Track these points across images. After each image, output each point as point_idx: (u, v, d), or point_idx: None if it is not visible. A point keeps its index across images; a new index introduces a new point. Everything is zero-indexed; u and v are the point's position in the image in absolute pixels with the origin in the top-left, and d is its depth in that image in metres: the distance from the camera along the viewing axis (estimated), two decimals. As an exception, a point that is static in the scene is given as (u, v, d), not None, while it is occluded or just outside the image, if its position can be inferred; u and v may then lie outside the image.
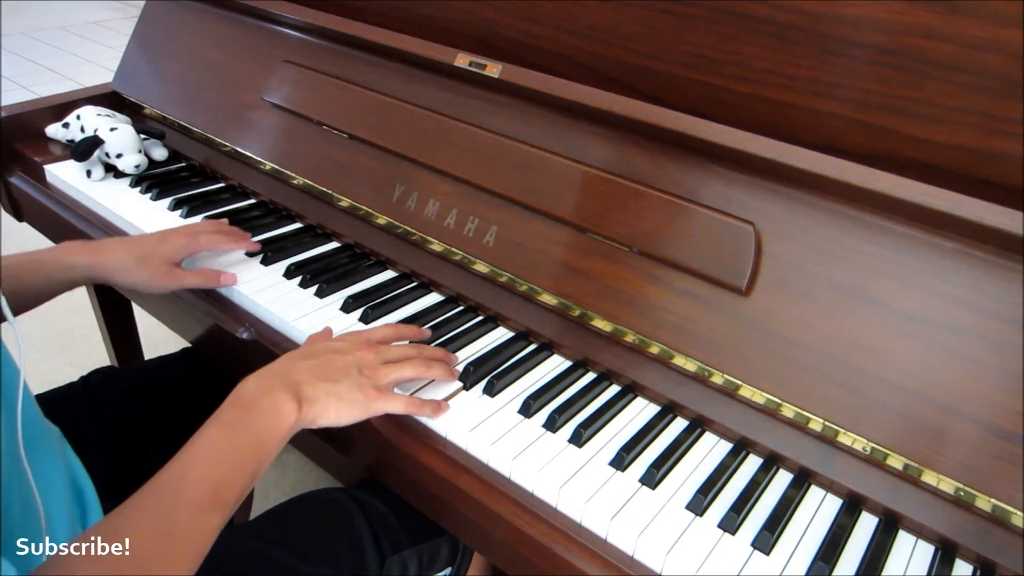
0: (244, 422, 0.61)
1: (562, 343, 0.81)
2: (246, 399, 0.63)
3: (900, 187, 0.62)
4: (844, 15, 0.68)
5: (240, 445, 0.59)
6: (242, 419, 0.61)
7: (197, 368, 0.99)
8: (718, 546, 0.61)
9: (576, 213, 0.79)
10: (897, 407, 0.63)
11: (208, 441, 0.59)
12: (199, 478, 0.56)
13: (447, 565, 0.81)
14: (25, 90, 3.43)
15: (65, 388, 0.89)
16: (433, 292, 0.90)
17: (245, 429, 0.60)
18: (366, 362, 0.69)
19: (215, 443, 0.59)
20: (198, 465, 0.57)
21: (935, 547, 0.63)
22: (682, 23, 0.77)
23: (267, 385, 0.64)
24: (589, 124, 0.81)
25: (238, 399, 0.63)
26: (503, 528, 0.64)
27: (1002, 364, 0.60)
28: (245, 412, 0.62)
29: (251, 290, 0.87)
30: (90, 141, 1.06)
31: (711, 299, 0.72)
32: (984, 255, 0.61)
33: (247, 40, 1.12)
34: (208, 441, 0.59)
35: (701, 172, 0.74)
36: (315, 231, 1.02)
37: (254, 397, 0.63)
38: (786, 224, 0.70)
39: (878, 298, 0.65)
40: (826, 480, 0.67)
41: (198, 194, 1.08)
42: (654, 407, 0.75)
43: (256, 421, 0.61)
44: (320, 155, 1.01)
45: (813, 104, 0.71)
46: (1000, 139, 0.63)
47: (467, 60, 0.87)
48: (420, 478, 0.70)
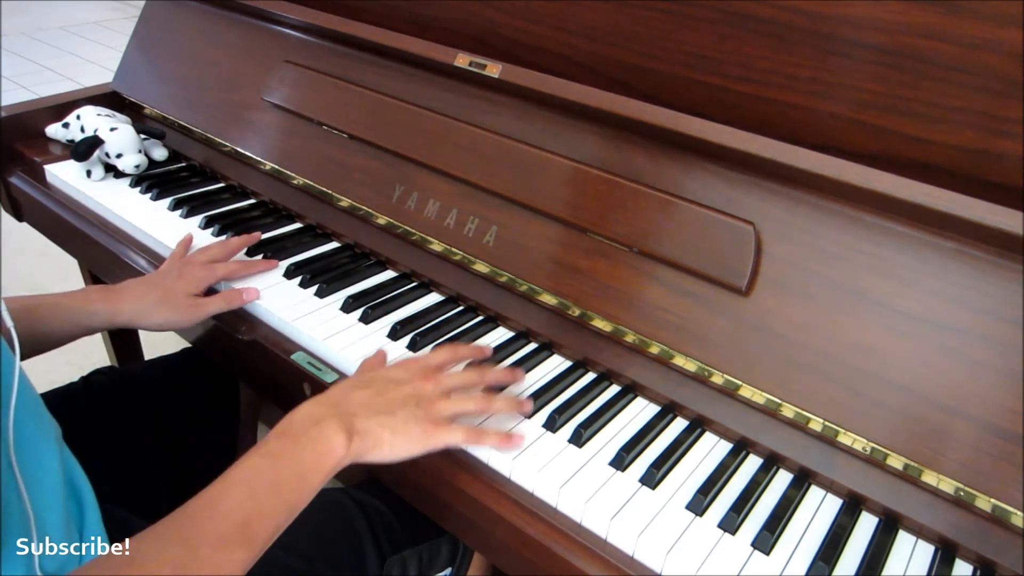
0: (288, 452, 0.58)
1: (562, 343, 0.81)
2: (294, 428, 0.60)
3: (900, 187, 0.62)
4: (844, 15, 0.68)
5: (280, 477, 0.56)
6: (286, 449, 0.58)
7: (197, 368, 0.99)
8: (718, 546, 0.61)
9: (576, 213, 0.79)
10: (897, 407, 0.63)
11: (246, 470, 0.56)
12: (229, 509, 0.53)
13: (447, 565, 0.81)
14: (25, 90, 3.43)
15: (65, 388, 0.89)
16: (433, 292, 0.90)
17: (288, 460, 0.57)
18: (424, 393, 0.65)
19: (253, 472, 0.56)
20: (230, 495, 0.54)
21: (935, 547, 0.63)
22: (682, 23, 0.77)
23: (317, 414, 0.61)
24: (589, 124, 0.81)
25: (285, 428, 0.60)
26: (503, 528, 0.64)
27: (1002, 364, 0.60)
28: (291, 442, 0.59)
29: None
30: (90, 141, 1.06)
31: (711, 299, 0.72)
32: (984, 255, 0.61)
33: (247, 40, 1.12)
34: (246, 470, 0.56)
35: (701, 172, 0.74)
36: (315, 231, 1.02)
37: (303, 427, 0.60)
38: (786, 224, 0.70)
39: (878, 298, 0.65)
40: (826, 480, 0.67)
41: (198, 194, 1.08)
42: (654, 407, 0.75)
43: (301, 452, 0.58)
44: (320, 155, 1.01)
45: (813, 104, 0.71)
46: (1000, 139, 0.63)
47: (467, 60, 0.87)
48: (420, 478, 0.69)
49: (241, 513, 0.53)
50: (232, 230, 0.99)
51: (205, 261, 0.86)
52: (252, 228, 0.98)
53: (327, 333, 0.81)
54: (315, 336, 0.80)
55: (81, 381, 0.91)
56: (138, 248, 0.98)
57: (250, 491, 0.55)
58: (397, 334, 0.81)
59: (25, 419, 0.55)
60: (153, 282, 0.84)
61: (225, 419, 0.99)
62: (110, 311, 0.80)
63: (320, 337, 0.80)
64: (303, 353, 0.80)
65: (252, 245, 0.93)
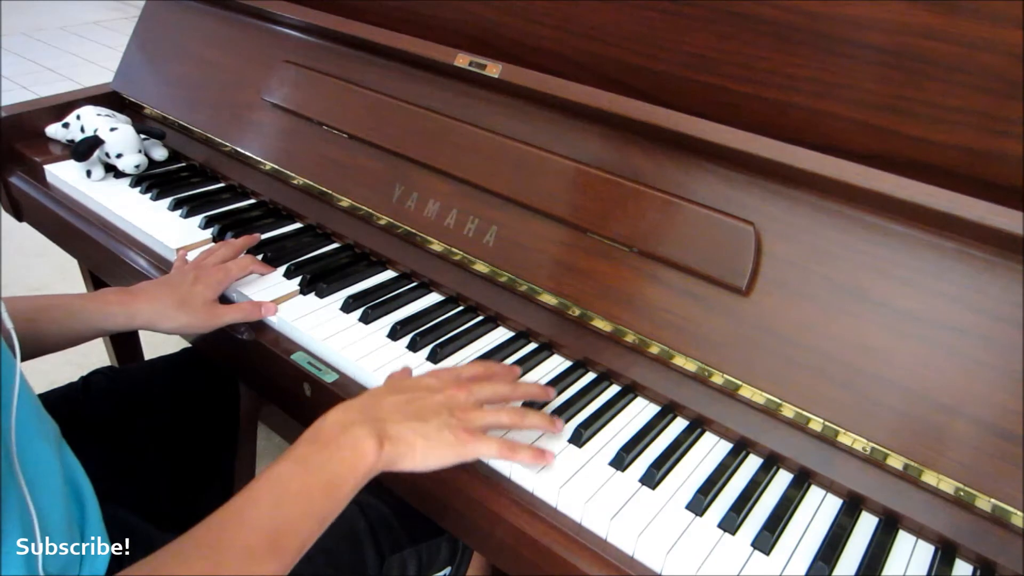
0: (318, 459, 0.56)
1: (562, 343, 0.81)
2: (323, 435, 0.58)
3: (900, 187, 0.62)
4: (844, 15, 0.68)
5: (309, 484, 0.55)
6: (316, 456, 0.57)
7: (197, 369, 0.99)
8: (718, 546, 0.61)
9: (576, 213, 0.79)
10: (897, 407, 0.63)
11: (274, 478, 0.54)
12: (257, 520, 0.52)
13: (446, 565, 0.81)
14: (25, 90, 3.43)
15: (65, 388, 0.89)
16: (433, 292, 0.90)
17: (318, 467, 0.56)
18: (458, 402, 0.64)
19: (281, 481, 0.55)
20: (258, 505, 0.53)
21: (935, 547, 0.63)
22: (682, 23, 0.77)
23: (347, 420, 0.59)
24: (589, 124, 0.81)
25: (315, 435, 0.58)
26: (503, 528, 0.64)
27: (1002, 364, 0.60)
28: (320, 448, 0.57)
29: (251, 291, 0.87)
30: (90, 141, 1.06)
31: (711, 299, 0.72)
32: (984, 255, 0.61)
33: (247, 40, 1.12)
34: (274, 478, 0.54)
35: (701, 172, 0.74)
36: (315, 231, 1.02)
37: (332, 433, 0.58)
38: (786, 224, 0.69)
39: (878, 298, 0.65)
40: (826, 480, 0.67)
41: (198, 194, 1.08)
42: (654, 407, 0.75)
43: (331, 458, 0.57)
44: (320, 155, 1.01)
45: (813, 104, 0.71)
46: (1000, 139, 0.63)
47: (467, 60, 0.87)
48: (419, 478, 0.69)
49: (269, 523, 0.52)
50: (232, 230, 0.99)
51: (217, 263, 0.86)
52: (252, 228, 0.98)
53: (327, 333, 0.81)
54: (315, 336, 0.80)
55: (81, 381, 0.91)
56: (138, 248, 0.98)
57: (278, 500, 0.54)
58: (397, 334, 0.81)
59: (25, 420, 0.55)
60: (171, 286, 0.83)
61: (225, 419, 0.99)
62: (127, 314, 0.80)
63: (320, 337, 0.80)
64: (303, 353, 0.80)
65: (252, 245, 0.93)
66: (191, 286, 0.82)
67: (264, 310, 0.84)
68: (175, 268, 0.89)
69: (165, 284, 0.83)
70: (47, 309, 0.76)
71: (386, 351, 0.79)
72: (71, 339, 0.79)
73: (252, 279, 0.89)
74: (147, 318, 0.80)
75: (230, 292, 0.88)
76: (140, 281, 0.88)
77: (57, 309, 0.77)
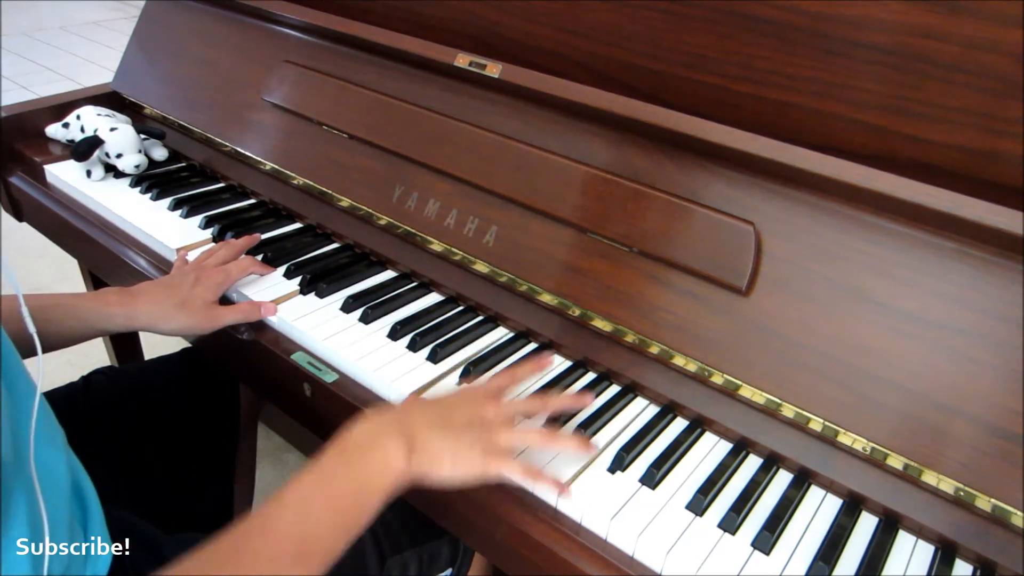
0: (345, 469, 0.56)
1: (562, 343, 0.81)
2: (351, 444, 0.57)
3: (900, 187, 0.62)
4: (844, 15, 0.68)
5: (336, 494, 0.54)
6: (344, 465, 0.56)
7: (197, 368, 0.99)
8: (718, 546, 0.61)
9: (576, 213, 0.79)
10: (897, 407, 0.63)
11: (301, 487, 0.54)
12: (283, 531, 0.51)
13: (447, 566, 0.81)
14: (25, 90, 3.43)
15: (65, 388, 0.89)
16: (433, 292, 0.90)
17: (346, 476, 0.55)
18: (487, 418, 0.63)
19: (308, 490, 0.54)
20: (284, 515, 0.52)
21: (935, 547, 0.63)
22: (682, 23, 0.77)
23: (375, 429, 0.59)
24: (589, 124, 0.81)
25: (343, 443, 0.57)
26: (503, 529, 0.64)
27: (1002, 364, 0.60)
28: (349, 458, 0.57)
29: (251, 291, 0.87)
30: (90, 141, 1.06)
31: (711, 299, 0.72)
32: (984, 255, 0.61)
33: (247, 40, 1.12)
34: (301, 487, 0.54)
35: (701, 172, 0.74)
36: (315, 231, 1.02)
37: (360, 442, 0.58)
38: (786, 224, 0.70)
39: (878, 298, 0.65)
40: (826, 480, 0.67)
41: (198, 194, 1.08)
42: (654, 407, 0.75)
43: (359, 467, 0.56)
44: (320, 155, 1.01)
45: (813, 104, 0.71)
46: (1000, 139, 0.63)
47: (467, 60, 0.87)
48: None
49: (295, 533, 0.51)
50: (232, 230, 0.99)
51: (216, 264, 0.86)
52: (252, 228, 0.98)
53: (327, 333, 0.81)
54: (315, 336, 0.80)
55: (81, 381, 0.91)
56: (138, 248, 0.98)
57: (304, 510, 0.53)
58: (397, 334, 0.81)
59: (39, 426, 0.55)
60: (171, 287, 0.83)
61: (225, 419, 0.99)
62: (127, 315, 0.80)
63: (320, 337, 0.80)
64: (303, 353, 0.80)
65: (252, 246, 0.93)
66: (191, 288, 0.82)
67: (264, 310, 0.84)
68: (175, 269, 0.89)
69: (165, 285, 0.83)
70: (47, 309, 0.76)
71: (386, 351, 0.79)
72: (71, 339, 0.79)
73: (252, 279, 0.89)
74: (147, 319, 0.80)
75: (230, 292, 0.88)
76: (140, 281, 0.88)
77: (57, 309, 0.77)
